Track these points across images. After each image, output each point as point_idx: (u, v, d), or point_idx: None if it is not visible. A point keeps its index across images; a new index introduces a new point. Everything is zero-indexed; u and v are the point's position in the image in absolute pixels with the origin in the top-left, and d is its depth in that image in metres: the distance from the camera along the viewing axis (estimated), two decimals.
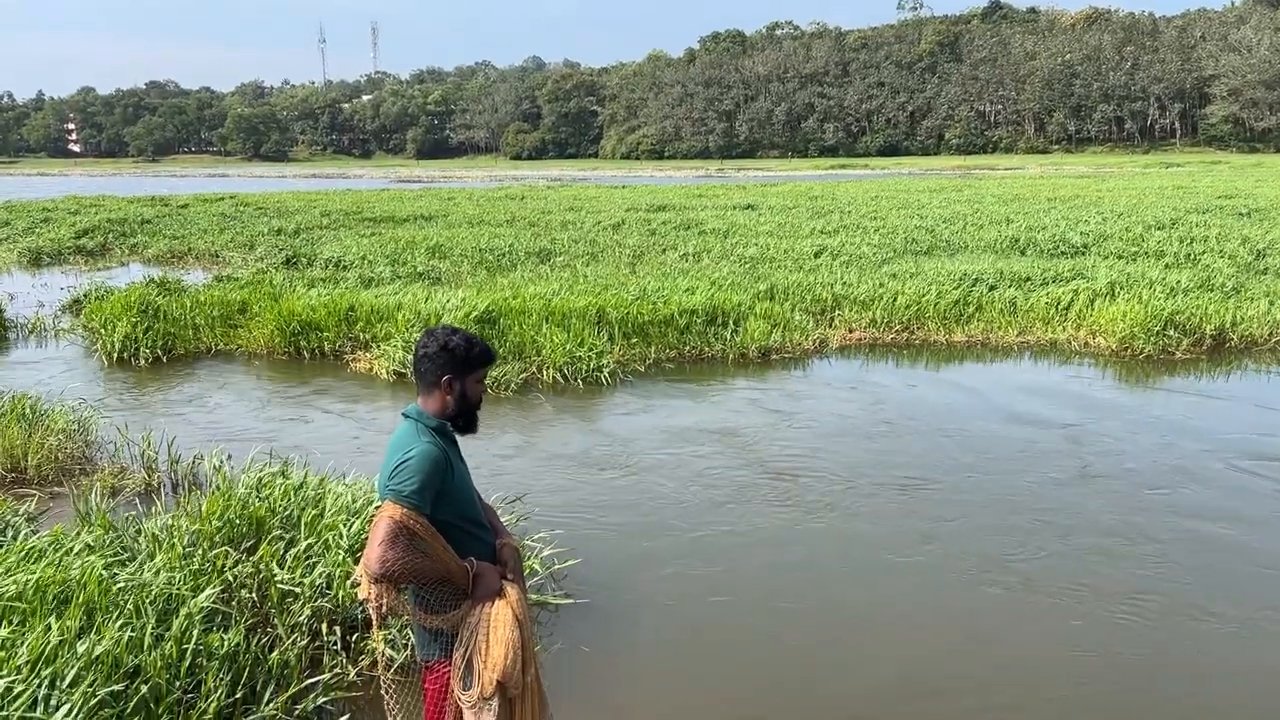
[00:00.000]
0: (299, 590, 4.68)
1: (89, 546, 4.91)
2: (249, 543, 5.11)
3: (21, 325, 13.74)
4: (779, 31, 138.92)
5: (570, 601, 5.34)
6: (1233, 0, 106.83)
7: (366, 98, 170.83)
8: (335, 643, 4.61)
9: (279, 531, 5.15)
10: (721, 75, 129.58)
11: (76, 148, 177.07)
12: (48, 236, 24.80)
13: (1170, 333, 11.43)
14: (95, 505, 5.58)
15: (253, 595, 4.71)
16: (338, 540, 5.04)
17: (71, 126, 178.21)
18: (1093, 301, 12.63)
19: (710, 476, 7.38)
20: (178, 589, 4.41)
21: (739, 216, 25.83)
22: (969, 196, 32.53)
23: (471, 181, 66.74)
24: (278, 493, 5.54)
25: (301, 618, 4.59)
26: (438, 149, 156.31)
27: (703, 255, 17.82)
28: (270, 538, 5.06)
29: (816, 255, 17.45)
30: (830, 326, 12.56)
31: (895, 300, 12.79)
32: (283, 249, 19.83)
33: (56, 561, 4.52)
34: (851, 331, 12.44)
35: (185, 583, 4.50)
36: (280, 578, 4.71)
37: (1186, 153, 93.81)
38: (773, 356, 11.38)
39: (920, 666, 4.76)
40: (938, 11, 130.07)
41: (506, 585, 3.10)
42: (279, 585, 4.68)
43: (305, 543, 5.02)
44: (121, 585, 4.37)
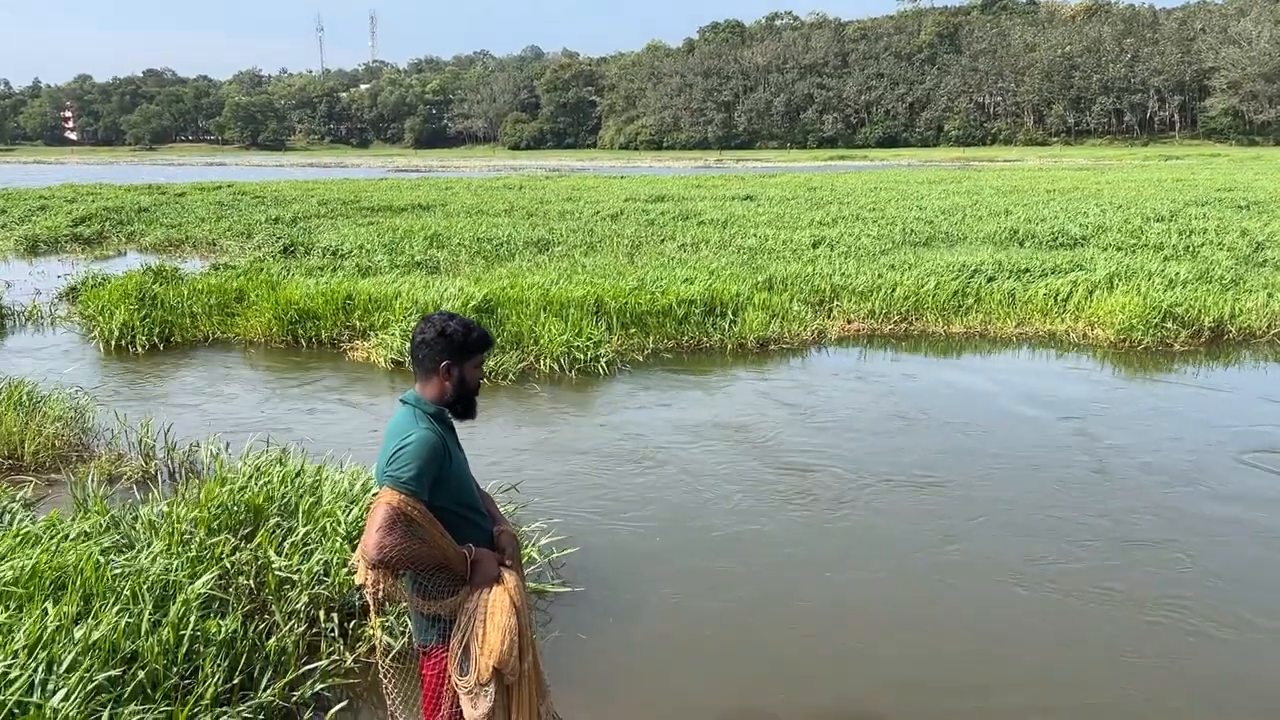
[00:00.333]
0: (297, 577, 4.68)
1: (86, 533, 4.91)
2: (246, 530, 5.11)
3: (18, 313, 13.70)
4: (778, 22, 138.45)
5: (568, 590, 5.35)
6: None
7: (364, 87, 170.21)
8: (333, 629, 4.61)
9: (277, 519, 5.15)
10: (720, 66, 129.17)
11: (73, 136, 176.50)
12: (44, 224, 24.73)
13: (1169, 325, 11.43)
14: (92, 492, 5.56)
15: (250, 582, 4.70)
16: (335, 527, 5.04)
17: (68, 114, 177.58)
18: (1091, 293, 12.63)
19: (710, 467, 7.38)
20: (175, 575, 4.41)
21: (737, 207, 25.78)
22: (968, 188, 32.49)
23: (469, 171, 66.63)
24: (275, 480, 5.53)
25: (299, 604, 4.59)
26: (435, 139, 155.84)
27: (701, 245, 17.80)
28: (268, 525, 5.05)
29: (815, 246, 17.43)
30: (829, 317, 12.55)
31: (894, 291, 12.78)
32: (280, 238, 19.79)
33: (53, 547, 4.51)
34: (850, 322, 12.43)
35: (183, 569, 4.49)
36: (278, 564, 4.71)
37: (1186, 145, 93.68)
38: (771, 347, 11.37)
39: (934, 663, 4.72)
40: (937, 3, 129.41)
41: (504, 572, 3.10)
42: (276, 572, 4.68)
43: (303, 530, 5.02)
44: (119, 571, 4.37)
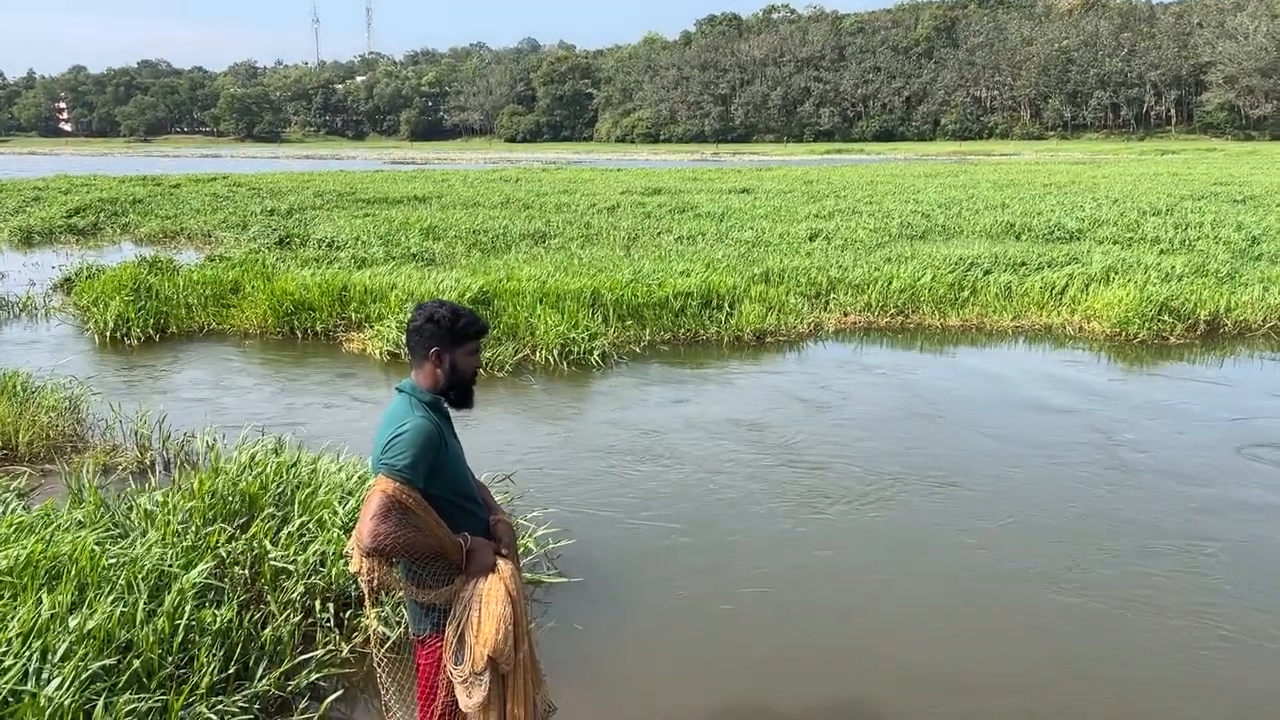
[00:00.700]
0: (292, 567, 4.67)
1: (80, 522, 4.90)
2: (242, 520, 5.10)
3: (12, 304, 13.65)
4: (775, 15, 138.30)
5: (564, 580, 5.34)
6: None
7: (360, 79, 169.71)
8: (328, 619, 4.60)
9: (272, 509, 5.14)
10: (717, 58, 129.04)
11: (68, 127, 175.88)
12: (39, 215, 24.63)
13: (1165, 318, 11.45)
14: (87, 482, 5.55)
15: (246, 572, 4.69)
16: (331, 517, 5.03)
17: (63, 105, 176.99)
18: (1087, 286, 12.65)
19: (708, 459, 7.38)
20: (170, 565, 4.40)
21: (734, 200, 25.77)
22: (964, 182, 32.50)
23: (466, 164, 66.49)
24: (271, 470, 5.52)
25: (294, 594, 4.58)
26: (431, 131, 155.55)
27: (698, 238, 17.78)
28: (263, 515, 5.04)
29: (811, 239, 17.44)
30: (825, 310, 12.55)
31: (890, 284, 12.78)
32: (275, 229, 19.73)
33: (48, 537, 4.50)
34: (846, 315, 12.44)
35: (178, 559, 4.48)
36: (273, 555, 4.70)
37: (1182, 140, 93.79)
38: (768, 339, 11.37)
39: (948, 661, 4.68)
40: None
41: (500, 561, 3.09)
42: (272, 562, 4.67)
43: (299, 520, 5.00)
44: (114, 561, 4.35)
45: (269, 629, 4.32)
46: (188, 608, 4.10)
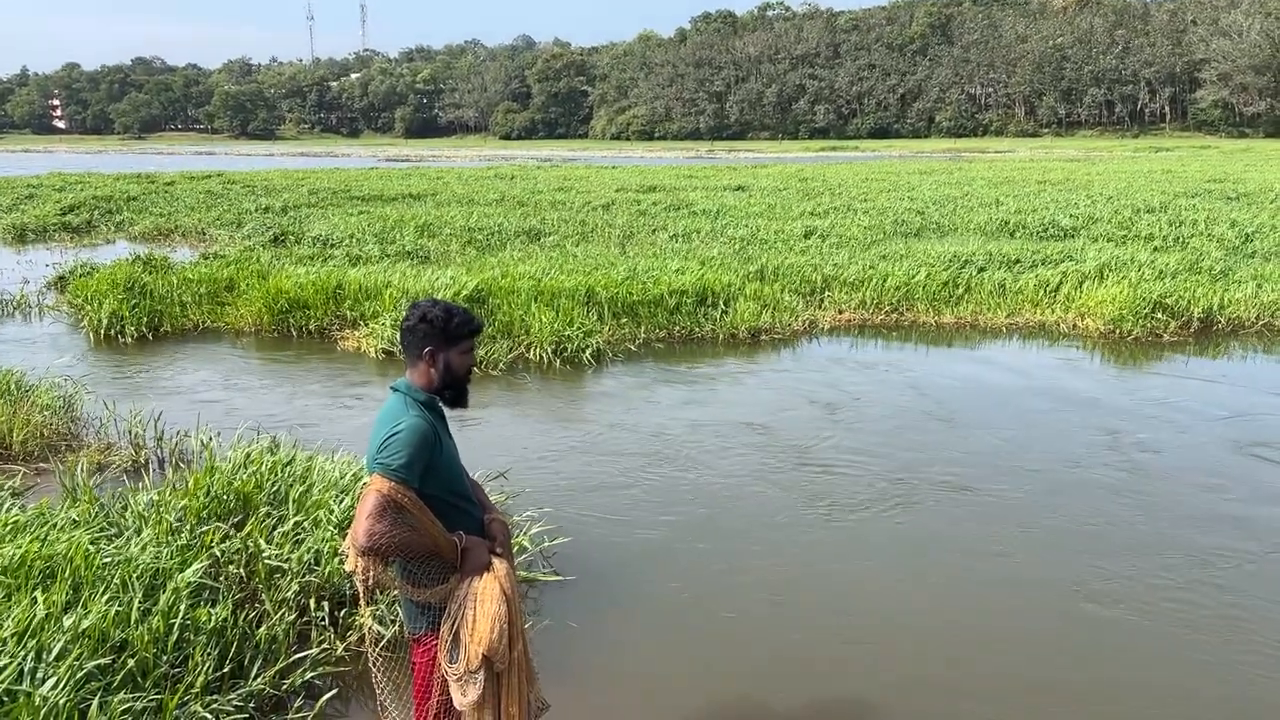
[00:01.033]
0: (287, 566, 4.67)
1: (75, 522, 4.90)
2: (237, 518, 5.10)
3: (6, 302, 13.63)
4: (770, 12, 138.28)
5: (559, 579, 5.35)
6: None
7: (355, 76, 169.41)
8: (323, 618, 4.60)
9: (267, 507, 5.14)
10: (712, 56, 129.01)
11: (61, 124, 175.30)
12: (32, 213, 24.57)
13: (1158, 315, 11.48)
14: (81, 481, 5.54)
15: (240, 570, 4.69)
16: (326, 516, 5.03)
17: (56, 103, 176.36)
18: (1081, 284, 12.67)
19: (703, 456, 7.39)
20: (165, 564, 4.40)
21: (729, 198, 25.78)
22: (959, 179, 32.54)
23: (460, 161, 66.41)
24: (265, 468, 5.52)
25: (289, 593, 4.59)
26: (426, 128, 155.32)
27: (693, 236, 17.78)
28: (258, 513, 5.04)
29: (806, 236, 17.45)
30: (820, 308, 12.56)
31: (885, 282, 12.79)
32: (270, 227, 19.71)
33: (42, 536, 4.50)
34: (841, 313, 12.45)
35: (172, 558, 4.48)
36: (268, 553, 4.70)
37: (1176, 137, 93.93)
38: (762, 337, 11.38)
39: (958, 666, 4.68)
40: None
41: (495, 560, 3.10)
42: (267, 561, 4.67)
43: (293, 519, 5.01)
44: (108, 560, 4.35)
45: (264, 628, 4.32)
46: (182, 607, 4.10)
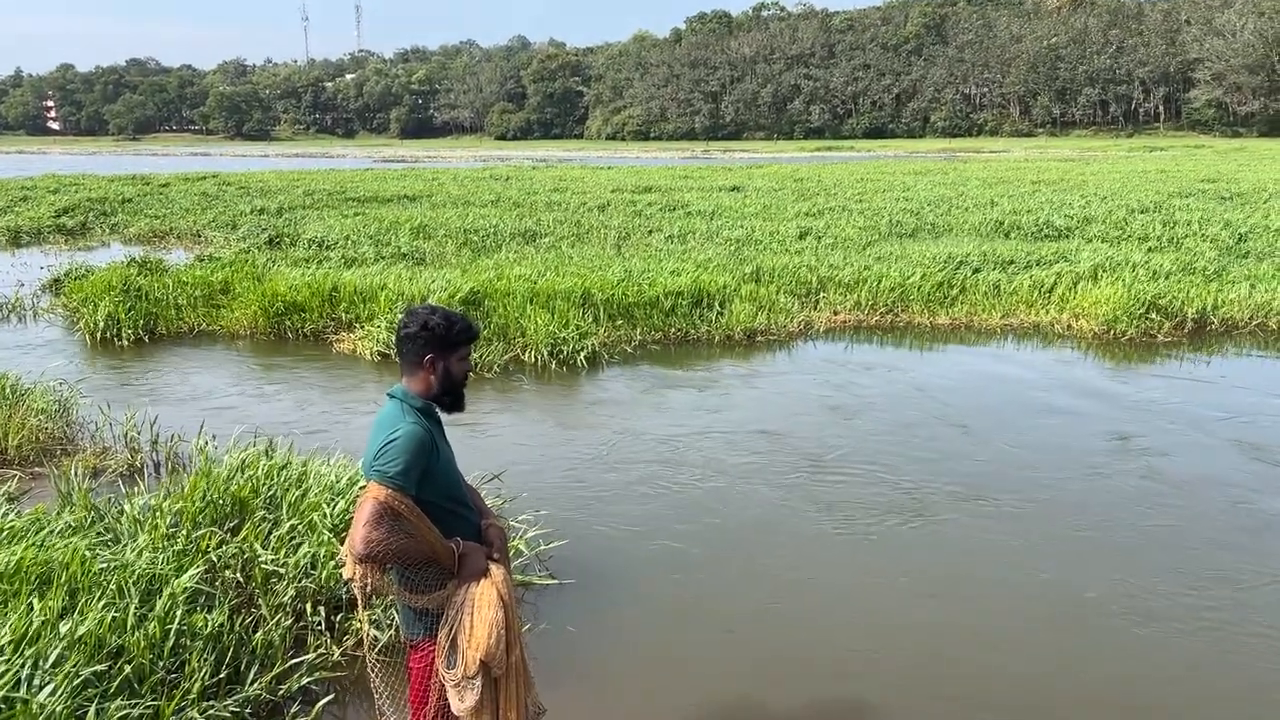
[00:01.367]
0: (283, 570, 4.67)
1: (70, 527, 4.89)
2: (233, 523, 5.10)
3: (1, 305, 13.59)
4: (765, 13, 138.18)
5: (555, 582, 5.36)
6: None
7: (350, 76, 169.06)
8: (320, 623, 4.61)
9: (263, 512, 5.14)
10: (707, 56, 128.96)
11: (55, 125, 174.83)
12: (27, 215, 24.51)
13: (1153, 316, 11.51)
14: (77, 485, 5.54)
15: (237, 575, 4.70)
16: (322, 520, 5.03)
17: (50, 104, 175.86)
18: (1076, 284, 12.70)
19: (700, 458, 7.40)
20: (161, 569, 4.40)
21: (724, 198, 25.79)
22: (954, 179, 32.57)
23: (456, 162, 66.35)
24: (261, 473, 5.52)
25: (286, 598, 4.59)
26: (422, 129, 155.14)
27: (688, 237, 17.80)
28: (254, 518, 5.04)
29: (801, 237, 17.47)
30: (815, 309, 12.58)
31: (880, 283, 12.81)
32: (265, 229, 19.68)
33: (38, 542, 4.49)
34: (836, 314, 12.47)
35: (169, 563, 4.48)
36: (264, 558, 4.70)
37: (1170, 136, 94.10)
38: (758, 338, 11.39)
39: (968, 677, 4.68)
40: None
41: (492, 566, 3.10)
42: (263, 565, 4.67)
43: (289, 523, 5.01)
44: (104, 565, 4.35)
45: (260, 633, 4.32)
46: (179, 612, 4.10)
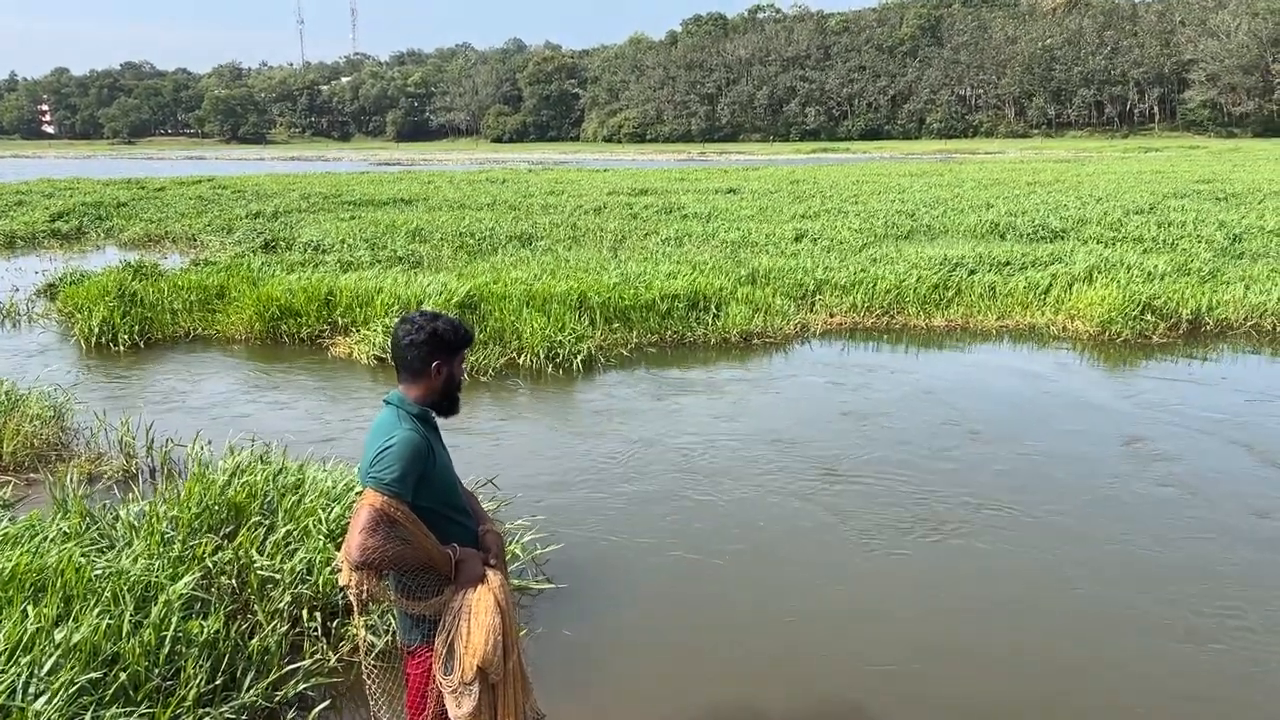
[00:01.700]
0: (279, 576, 4.66)
1: (65, 533, 4.88)
2: (228, 529, 5.08)
3: None
4: (760, 14, 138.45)
5: (552, 586, 5.35)
6: None
7: (345, 79, 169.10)
8: (316, 629, 4.59)
9: (259, 517, 5.13)
10: (703, 58, 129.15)
11: (50, 129, 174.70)
12: (21, 220, 24.46)
13: (1148, 317, 11.53)
14: (72, 491, 5.52)
15: (232, 582, 4.68)
16: (318, 526, 5.02)
17: (45, 108, 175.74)
18: (1071, 286, 12.72)
19: (697, 462, 7.39)
20: (156, 576, 4.39)
21: (721, 200, 25.82)
22: (949, 181, 32.63)
23: (452, 164, 66.33)
24: (257, 478, 5.50)
25: (282, 604, 4.58)
26: (417, 132, 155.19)
27: (684, 239, 17.81)
28: (250, 524, 5.03)
29: (798, 240, 17.49)
30: (811, 311, 12.59)
31: (876, 285, 12.82)
32: (261, 232, 19.67)
33: (33, 548, 4.48)
34: (832, 316, 12.48)
35: (164, 570, 4.47)
36: (260, 564, 4.69)
37: (1165, 137, 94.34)
38: (754, 341, 11.40)
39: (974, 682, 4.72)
40: None
41: (489, 571, 3.10)
42: (259, 571, 4.66)
43: (285, 529, 5.00)
44: (99, 572, 4.34)
45: (256, 639, 4.31)
46: (174, 619, 4.09)
